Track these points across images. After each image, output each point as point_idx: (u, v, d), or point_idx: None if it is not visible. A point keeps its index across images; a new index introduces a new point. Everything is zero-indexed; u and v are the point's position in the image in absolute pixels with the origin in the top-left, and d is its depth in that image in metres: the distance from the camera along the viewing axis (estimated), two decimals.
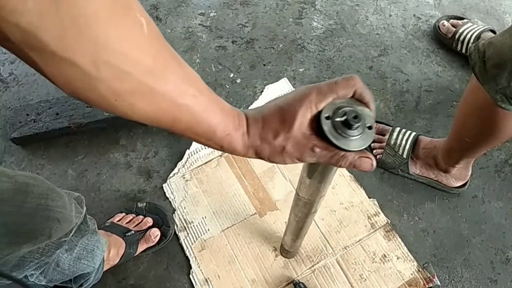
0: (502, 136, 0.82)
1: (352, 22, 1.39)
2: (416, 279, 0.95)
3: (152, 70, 0.30)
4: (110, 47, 0.27)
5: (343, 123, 0.38)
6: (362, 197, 1.06)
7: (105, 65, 0.27)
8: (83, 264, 0.79)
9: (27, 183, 0.58)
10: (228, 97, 1.22)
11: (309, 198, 0.57)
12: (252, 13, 1.40)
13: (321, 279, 0.95)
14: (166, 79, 0.32)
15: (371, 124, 0.39)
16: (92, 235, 0.80)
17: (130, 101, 0.31)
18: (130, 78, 0.29)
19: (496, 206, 1.06)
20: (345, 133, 0.38)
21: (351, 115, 0.38)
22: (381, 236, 1.01)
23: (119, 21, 0.27)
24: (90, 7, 0.24)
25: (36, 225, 0.59)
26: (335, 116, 0.38)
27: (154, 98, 0.32)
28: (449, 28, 1.29)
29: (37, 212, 0.59)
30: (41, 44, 0.24)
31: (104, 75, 0.28)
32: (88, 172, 1.09)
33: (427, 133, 1.15)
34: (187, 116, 0.35)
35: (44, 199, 0.60)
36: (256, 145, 0.39)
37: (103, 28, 0.26)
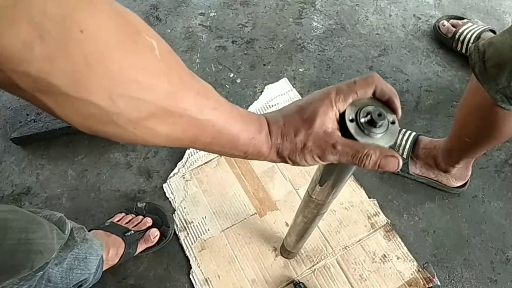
0: (502, 136, 0.82)
1: (352, 22, 1.39)
2: (416, 279, 0.95)
3: (170, 92, 0.29)
4: (125, 79, 0.26)
5: (368, 123, 0.38)
6: (362, 197, 1.06)
7: (121, 98, 0.26)
8: (77, 274, 0.77)
9: (5, 218, 0.57)
10: (228, 97, 1.22)
11: (322, 199, 0.56)
12: (252, 13, 1.40)
13: (321, 279, 0.95)
14: (184, 97, 0.31)
15: (393, 119, 0.40)
16: (82, 244, 0.77)
17: (150, 127, 0.30)
18: (148, 105, 0.28)
19: (496, 206, 1.06)
20: (372, 131, 0.38)
21: (375, 113, 0.38)
22: (381, 236, 1.01)
23: (130, 49, 0.26)
24: (100, 41, 0.24)
25: (18, 261, 0.58)
26: (359, 117, 0.38)
27: (174, 119, 0.31)
28: (449, 28, 1.29)
29: (18, 247, 0.57)
30: (54, 88, 0.24)
31: (121, 108, 0.27)
32: (88, 172, 1.09)
33: (427, 133, 1.15)
34: (210, 129, 0.34)
35: (24, 232, 0.59)
36: (277, 143, 0.39)
37: (116, 60, 0.25)
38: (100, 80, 0.25)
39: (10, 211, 0.59)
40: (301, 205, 0.65)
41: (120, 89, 0.26)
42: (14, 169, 1.10)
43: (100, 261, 0.86)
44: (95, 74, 0.24)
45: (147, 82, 0.27)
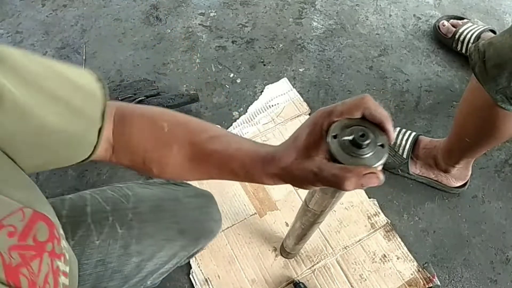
0: (502, 136, 0.82)
1: (352, 22, 1.39)
2: (416, 279, 0.95)
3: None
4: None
5: (351, 142, 0.37)
6: (362, 197, 1.06)
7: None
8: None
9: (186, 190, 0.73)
10: (228, 97, 1.22)
11: (319, 210, 0.56)
12: (252, 13, 1.40)
13: (321, 279, 0.95)
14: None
15: (383, 143, 0.37)
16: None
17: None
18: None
19: (496, 206, 1.06)
20: (354, 152, 0.37)
21: (358, 133, 0.37)
22: (381, 236, 1.01)
23: (154, 135, 0.49)
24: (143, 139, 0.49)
25: (202, 228, 0.72)
26: (342, 135, 0.37)
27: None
28: (449, 28, 1.29)
29: (200, 217, 0.72)
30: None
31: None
32: (88, 172, 1.09)
33: (427, 133, 1.15)
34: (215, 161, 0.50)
35: (204, 207, 0.74)
36: (273, 172, 0.42)
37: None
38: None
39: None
40: (299, 212, 0.65)
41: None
42: None
43: None
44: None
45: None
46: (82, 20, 1.37)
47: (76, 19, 1.38)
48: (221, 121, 1.17)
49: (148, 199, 0.67)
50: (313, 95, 1.23)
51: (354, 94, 1.23)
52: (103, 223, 0.61)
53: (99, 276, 0.59)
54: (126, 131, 0.47)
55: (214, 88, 1.24)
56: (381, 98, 1.23)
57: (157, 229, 0.65)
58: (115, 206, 0.64)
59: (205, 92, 1.23)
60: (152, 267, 0.65)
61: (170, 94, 1.15)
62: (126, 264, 0.62)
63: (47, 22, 1.37)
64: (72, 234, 0.59)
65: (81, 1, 1.42)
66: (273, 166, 0.42)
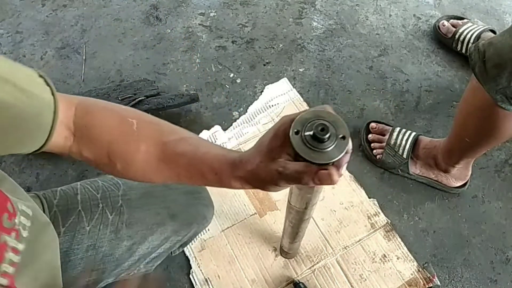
0: (502, 136, 0.82)
1: (352, 22, 1.39)
2: (416, 279, 0.95)
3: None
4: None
5: (312, 137, 0.38)
6: (362, 197, 1.06)
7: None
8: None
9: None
10: (228, 97, 1.22)
11: (300, 207, 0.56)
12: (252, 13, 1.40)
13: (321, 279, 0.95)
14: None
15: (344, 134, 0.39)
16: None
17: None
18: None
19: (496, 206, 1.06)
20: (315, 146, 0.38)
21: (318, 128, 0.37)
22: (381, 236, 1.01)
23: (122, 131, 0.50)
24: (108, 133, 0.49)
25: (193, 212, 0.75)
26: (304, 131, 0.38)
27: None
28: (449, 28, 1.29)
29: (191, 201, 0.75)
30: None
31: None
32: (88, 172, 1.09)
33: (427, 133, 1.15)
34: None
35: (195, 191, 0.77)
36: (240, 175, 0.44)
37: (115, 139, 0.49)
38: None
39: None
40: (286, 211, 0.65)
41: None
42: (14, 169, 1.10)
43: None
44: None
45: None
46: (82, 20, 1.37)
47: (76, 19, 1.38)
48: (221, 121, 1.17)
49: (138, 187, 0.69)
50: (313, 95, 1.23)
51: (354, 94, 1.23)
52: (94, 210, 0.64)
53: (90, 260, 0.61)
54: (89, 121, 0.46)
55: (214, 88, 1.24)
56: (381, 98, 1.23)
57: (147, 214, 0.67)
58: (105, 193, 0.66)
59: (205, 92, 1.23)
60: (144, 250, 0.67)
61: (170, 94, 1.15)
62: (117, 248, 0.64)
63: (47, 22, 1.37)
64: (63, 221, 0.61)
65: (81, 1, 1.42)
66: (240, 169, 0.43)
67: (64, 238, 0.60)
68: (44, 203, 0.62)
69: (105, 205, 0.65)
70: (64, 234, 0.61)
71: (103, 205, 0.65)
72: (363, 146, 1.12)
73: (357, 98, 1.23)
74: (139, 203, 0.67)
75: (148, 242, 0.67)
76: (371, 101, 1.22)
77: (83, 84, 1.24)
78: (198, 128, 1.15)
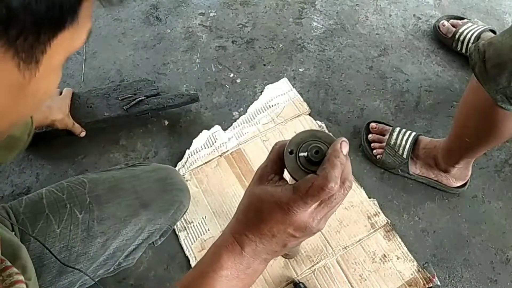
0: (502, 136, 0.82)
1: (352, 22, 1.39)
2: (416, 279, 0.95)
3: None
4: None
5: (305, 158, 0.38)
6: (362, 197, 1.06)
7: None
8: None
9: (147, 170, 0.76)
10: (228, 97, 1.22)
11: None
12: (252, 13, 1.40)
13: (321, 279, 0.95)
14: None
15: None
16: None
17: None
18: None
19: (496, 206, 1.06)
20: (309, 168, 0.38)
21: (312, 150, 0.37)
22: (381, 236, 1.01)
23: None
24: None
25: (168, 197, 0.74)
26: (298, 151, 0.38)
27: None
28: (449, 28, 1.29)
29: (165, 187, 0.74)
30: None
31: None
32: (89, 172, 1.09)
33: (427, 133, 1.15)
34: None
35: (168, 178, 0.76)
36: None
37: None
38: None
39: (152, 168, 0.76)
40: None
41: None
42: (14, 169, 1.10)
43: None
44: None
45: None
46: None
47: None
48: (221, 121, 1.17)
49: (104, 181, 0.68)
50: (313, 95, 1.23)
51: (354, 94, 1.23)
52: (61, 211, 0.63)
53: (64, 262, 0.60)
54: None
55: (214, 88, 1.24)
56: (381, 98, 1.23)
57: (118, 208, 0.66)
58: (71, 193, 0.65)
59: (205, 92, 1.23)
60: (119, 243, 0.66)
61: (170, 94, 1.15)
62: (91, 246, 0.63)
63: None
64: (32, 227, 0.60)
65: None
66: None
67: (36, 244, 0.59)
68: (10, 212, 0.61)
69: (72, 205, 0.64)
70: (34, 240, 0.59)
71: (70, 205, 0.64)
72: (363, 146, 1.12)
73: (357, 98, 1.23)
74: (107, 197, 0.66)
75: (122, 235, 0.66)
76: (371, 101, 1.22)
77: (83, 84, 1.24)
78: (198, 128, 1.15)
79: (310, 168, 0.37)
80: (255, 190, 0.40)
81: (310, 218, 0.37)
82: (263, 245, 0.39)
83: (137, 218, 0.67)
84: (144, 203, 0.68)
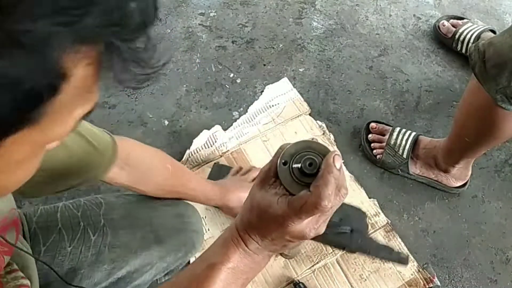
0: (502, 136, 0.82)
1: (352, 22, 1.39)
2: (416, 279, 0.95)
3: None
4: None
5: (299, 170, 0.37)
6: (362, 197, 1.06)
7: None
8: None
9: (163, 205, 0.77)
10: (228, 97, 1.22)
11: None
12: (252, 13, 1.40)
13: (321, 279, 0.95)
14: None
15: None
16: None
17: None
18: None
19: (496, 206, 1.06)
20: (302, 180, 0.37)
21: (306, 162, 0.37)
22: (381, 236, 1.01)
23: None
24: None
25: (182, 239, 0.74)
26: (292, 162, 0.38)
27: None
28: (449, 28, 1.29)
29: (179, 227, 0.74)
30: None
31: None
32: None
33: (427, 133, 1.15)
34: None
35: (183, 216, 0.76)
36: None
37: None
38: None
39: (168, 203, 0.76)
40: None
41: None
42: None
43: None
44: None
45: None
46: None
47: None
48: (221, 121, 1.17)
49: (120, 207, 0.67)
50: (313, 95, 1.23)
51: (354, 94, 1.23)
52: (75, 228, 0.62)
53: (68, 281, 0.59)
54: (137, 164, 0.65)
55: (214, 88, 1.24)
56: (381, 98, 1.23)
57: (132, 237, 0.64)
58: (86, 212, 0.64)
59: (205, 92, 1.23)
60: (124, 273, 0.64)
61: (380, 243, 0.94)
62: (97, 271, 0.62)
63: None
64: (43, 239, 0.59)
65: None
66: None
67: (45, 258, 0.58)
68: (23, 219, 0.61)
69: (86, 223, 0.63)
70: (44, 253, 0.59)
71: (84, 223, 0.63)
72: (363, 146, 1.12)
73: (357, 98, 1.23)
74: (122, 224, 0.65)
75: (130, 266, 0.65)
76: (371, 101, 1.22)
77: None
78: (199, 128, 1.14)
79: (304, 180, 0.37)
80: (257, 195, 0.40)
81: (307, 228, 0.38)
82: (264, 245, 0.41)
83: (148, 252, 0.66)
84: (159, 238, 0.67)
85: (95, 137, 0.54)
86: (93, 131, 0.55)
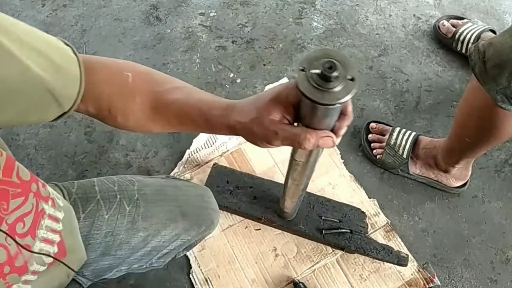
0: (502, 136, 0.82)
1: (352, 22, 1.39)
2: (416, 279, 0.95)
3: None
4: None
5: (318, 75, 0.35)
6: (362, 197, 1.06)
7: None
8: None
9: (186, 185, 0.80)
10: (228, 97, 1.22)
11: (306, 160, 0.55)
12: (252, 13, 1.40)
13: (321, 279, 0.95)
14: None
15: (353, 76, 0.36)
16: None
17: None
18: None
19: (496, 206, 1.06)
20: (321, 85, 0.35)
21: (326, 65, 0.35)
22: (381, 236, 1.01)
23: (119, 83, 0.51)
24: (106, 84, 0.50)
25: (202, 215, 0.77)
26: (311, 68, 0.36)
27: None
28: (449, 28, 1.29)
29: (202, 204, 0.78)
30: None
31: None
32: (88, 172, 1.09)
33: (427, 133, 1.15)
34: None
35: (203, 195, 0.80)
36: (231, 124, 0.45)
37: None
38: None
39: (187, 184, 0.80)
40: (288, 169, 0.64)
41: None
42: None
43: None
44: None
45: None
46: (82, 20, 1.37)
47: (76, 19, 1.38)
48: None
49: (151, 184, 0.73)
50: None
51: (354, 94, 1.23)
52: (112, 200, 0.67)
53: (108, 245, 0.65)
54: (94, 80, 0.48)
55: (214, 88, 1.24)
56: (381, 98, 1.23)
57: (161, 210, 0.70)
58: (121, 187, 0.70)
59: None
60: (157, 243, 0.70)
61: (380, 242, 0.97)
62: (133, 237, 0.68)
63: (47, 22, 1.37)
64: (83, 207, 0.65)
65: (81, 1, 1.42)
66: (231, 117, 0.45)
67: (84, 223, 0.64)
68: (63, 191, 0.66)
69: (122, 196, 0.68)
70: (84, 219, 0.64)
71: (120, 196, 0.68)
72: (363, 146, 1.12)
73: (357, 98, 1.23)
74: (153, 198, 0.71)
75: (161, 236, 0.70)
76: (371, 101, 1.22)
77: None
78: None
79: (322, 85, 0.35)
80: (264, 108, 0.42)
81: (270, 135, 0.42)
82: (239, 119, 0.45)
83: (175, 224, 0.71)
84: (184, 212, 0.73)
85: (56, 52, 0.43)
86: (53, 43, 0.44)
